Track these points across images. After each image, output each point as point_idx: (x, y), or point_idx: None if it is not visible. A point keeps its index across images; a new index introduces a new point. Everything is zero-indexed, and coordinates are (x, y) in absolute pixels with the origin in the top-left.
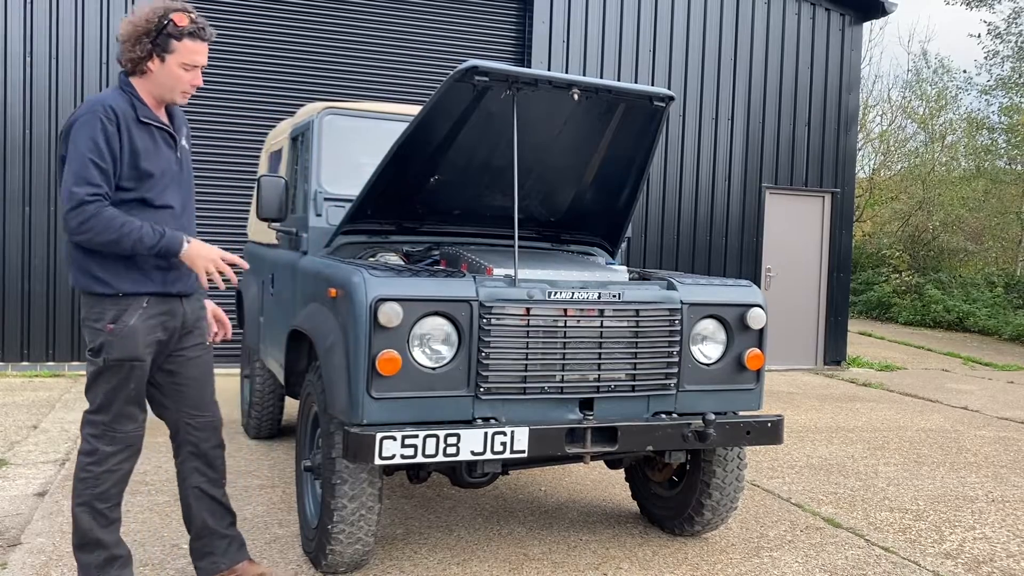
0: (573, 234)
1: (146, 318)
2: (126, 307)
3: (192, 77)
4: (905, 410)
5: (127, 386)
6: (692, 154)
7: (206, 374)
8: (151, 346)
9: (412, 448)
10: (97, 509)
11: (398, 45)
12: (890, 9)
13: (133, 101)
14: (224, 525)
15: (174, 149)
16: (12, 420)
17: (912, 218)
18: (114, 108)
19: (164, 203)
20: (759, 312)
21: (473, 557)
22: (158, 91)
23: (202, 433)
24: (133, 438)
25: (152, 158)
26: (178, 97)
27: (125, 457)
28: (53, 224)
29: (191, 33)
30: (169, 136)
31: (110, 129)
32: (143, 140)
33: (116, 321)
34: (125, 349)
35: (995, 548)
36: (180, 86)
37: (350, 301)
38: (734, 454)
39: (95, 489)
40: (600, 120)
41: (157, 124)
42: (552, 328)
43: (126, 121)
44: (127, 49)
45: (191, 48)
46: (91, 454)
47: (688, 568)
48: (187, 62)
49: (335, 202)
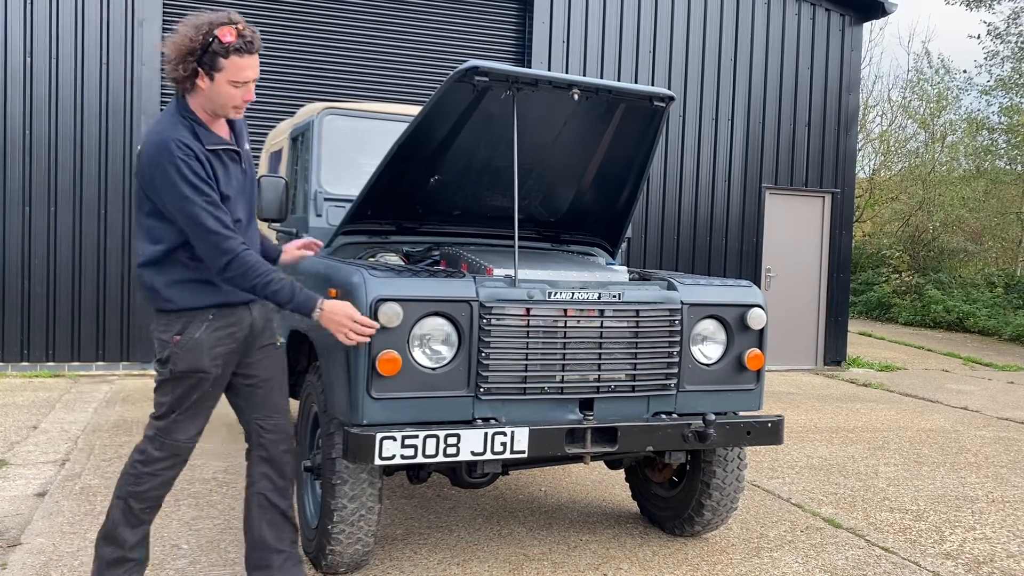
0: (573, 234)
1: (212, 330)
2: (191, 320)
3: (243, 92)
4: (905, 410)
5: (189, 397)
6: (692, 154)
7: (276, 375)
8: (219, 359)
9: (412, 448)
10: (131, 507)
11: (398, 45)
12: (890, 9)
13: (195, 128)
14: (284, 541)
15: (239, 162)
16: (12, 420)
17: (912, 218)
18: (185, 142)
19: (235, 218)
20: (759, 312)
21: (473, 557)
22: (211, 107)
23: (273, 436)
24: (182, 448)
25: (225, 182)
26: (231, 113)
27: (169, 464)
28: (53, 224)
29: (238, 49)
30: (234, 153)
31: (194, 164)
32: (215, 167)
33: (182, 333)
34: (191, 361)
35: (995, 548)
36: (232, 102)
37: (350, 301)
38: (734, 454)
39: (135, 487)
40: (600, 120)
41: (223, 147)
42: (552, 328)
43: (201, 152)
44: (172, 68)
45: (239, 64)
46: (142, 453)
47: (688, 568)
48: (236, 79)
49: (335, 202)
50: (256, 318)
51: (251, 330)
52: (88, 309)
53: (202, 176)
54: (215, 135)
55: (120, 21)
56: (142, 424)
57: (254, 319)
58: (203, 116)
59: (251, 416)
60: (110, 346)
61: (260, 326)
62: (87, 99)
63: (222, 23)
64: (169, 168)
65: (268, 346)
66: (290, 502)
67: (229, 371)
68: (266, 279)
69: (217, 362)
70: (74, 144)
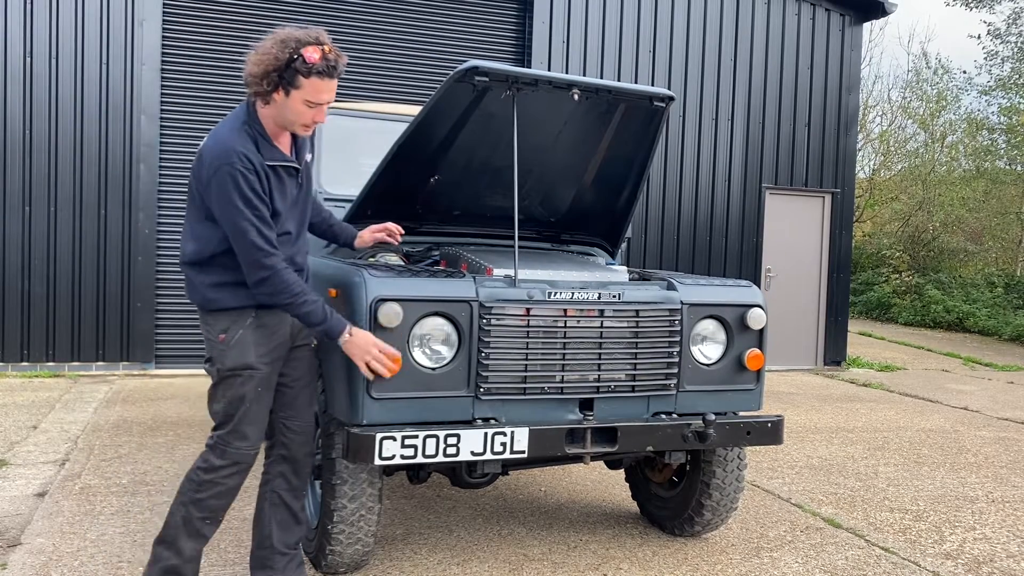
0: (573, 234)
1: (256, 327)
2: (236, 318)
3: (316, 113)
4: (905, 410)
5: (244, 397)
6: (692, 154)
7: (306, 376)
8: (265, 356)
9: (412, 448)
10: (191, 515)
11: (398, 45)
12: (890, 9)
13: (259, 141)
14: (290, 543)
15: (296, 176)
16: (12, 420)
17: (912, 218)
18: (248, 156)
19: (283, 231)
20: (759, 312)
21: (473, 557)
22: (280, 120)
23: (297, 437)
24: (243, 455)
25: (280, 198)
26: (299, 130)
27: (231, 473)
28: (53, 224)
29: (320, 72)
30: (293, 169)
31: (252, 179)
32: (272, 183)
33: (227, 331)
34: (237, 357)
35: (995, 548)
36: (301, 120)
37: (350, 301)
38: (734, 454)
39: (196, 494)
40: (600, 120)
41: (282, 164)
42: (552, 328)
43: (261, 166)
44: (254, 83)
45: (318, 86)
46: (204, 461)
47: (688, 568)
48: (312, 100)
49: (335, 202)
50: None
51: (292, 330)
52: (88, 309)
53: (257, 191)
54: (277, 150)
55: (120, 21)
56: (142, 424)
57: (294, 321)
58: (269, 127)
59: (277, 414)
60: (110, 346)
61: (299, 326)
62: (87, 99)
63: (309, 43)
64: (227, 179)
65: (303, 346)
66: (303, 504)
67: (276, 372)
68: (300, 299)
69: (264, 359)
70: (74, 144)
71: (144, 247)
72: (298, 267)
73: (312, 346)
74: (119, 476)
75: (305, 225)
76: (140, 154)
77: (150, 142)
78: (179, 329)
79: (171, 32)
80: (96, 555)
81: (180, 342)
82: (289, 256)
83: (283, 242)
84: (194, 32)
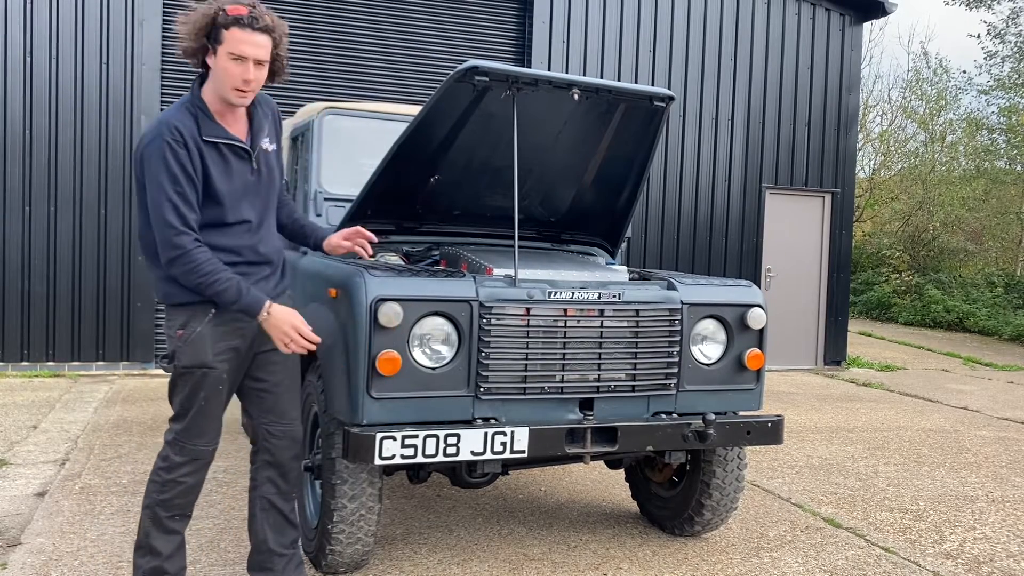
0: (573, 234)
1: (215, 324)
2: (194, 314)
3: (243, 71)
4: (905, 410)
5: (198, 395)
6: (692, 154)
7: (287, 380)
8: (224, 354)
9: (412, 448)
10: (158, 515)
11: (398, 45)
12: (890, 9)
13: (198, 116)
14: (286, 543)
15: (248, 160)
16: (12, 420)
17: (912, 218)
18: (179, 129)
19: (239, 219)
20: (759, 312)
21: (473, 557)
22: (219, 89)
23: (280, 442)
24: (201, 452)
25: (223, 179)
26: (233, 96)
27: (192, 470)
28: (53, 224)
29: (240, 21)
30: (241, 150)
31: (181, 153)
32: (211, 158)
33: (185, 327)
34: (193, 356)
35: (995, 548)
36: (231, 82)
37: (350, 301)
38: (734, 454)
39: (160, 495)
40: (600, 120)
41: (224, 141)
42: (552, 328)
43: (194, 141)
44: (185, 43)
45: (238, 36)
46: (164, 459)
47: (688, 568)
48: (233, 51)
49: (335, 202)
50: None
51: (260, 330)
52: (88, 309)
53: (184, 166)
54: (220, 128)
55: (120, 21)
56: (142, 424)
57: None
58: (215, 107)
59: (259, 420)
60: (110, 346)
61: None
62: (87, 99)
63: (236, 2)
64: (155, 152)
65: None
66: (293, 505)
67: (240, 372)
68: (212, 279)
69: (222, 357)
70: (74, 144)
71: None
72: (264, 258)
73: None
74: (119, 476)
75: (268, 215)
76: None
77: None
78: None
79: (171, 32)
80: (96, 555)
81: None
82: (251, 246)
83: (240, 231)
84: None
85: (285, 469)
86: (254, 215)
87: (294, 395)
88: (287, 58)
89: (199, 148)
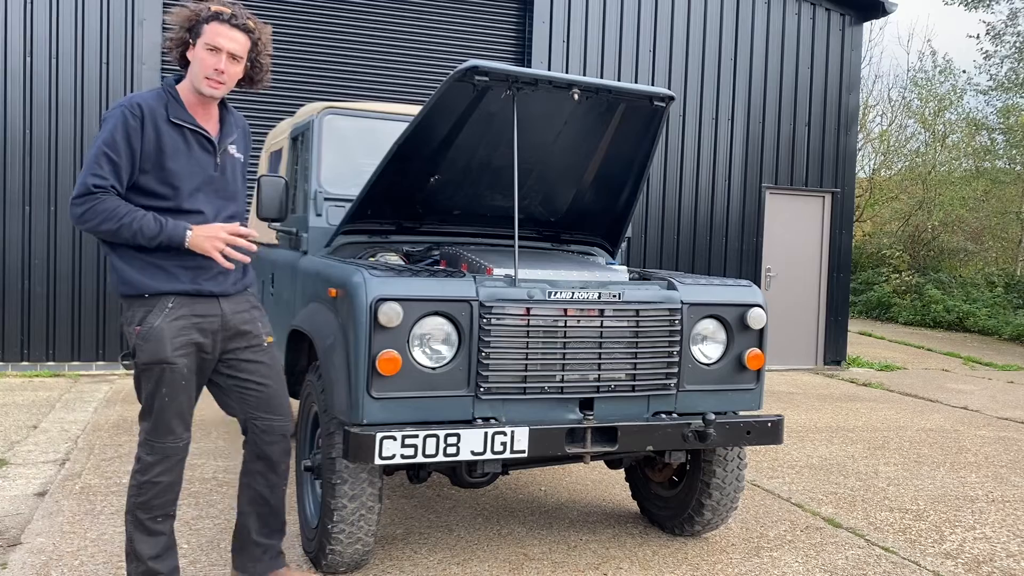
0: (573, 234)
1: (173, 319)
2: (151, 307)
3: (216, 61)
4: (905, 410)
5: (160, 391)
6: (692, 154)
7: (269, 377)
8: (182, 348)
9: (412, 448)
10: (139, 519)
11: (398, 45)
12: (890, 9)
13: (168, 101)
14: (266, 533)
15: (212, 154)
16: (12, 420)
17: (912, 218)
18: (141, 105)
19: (193, 208)
20: (759, 312)
21: (473, 557)
22: (193, 78)
23: (268, 436)
24: (171, 450)
25: (179, 158)
26: (203, 85)
27: (164, 469)
28: (53, 224)
29: (219, 17)
30: (206, 140)
31: (132, 124)
32: (172, 139)
33: (142, 323)
34: (152, 352)
35: (995, 548)
36: (203, 70)
37: (350, 301)
38: (734, 454)
39: (137, 498)
40: (600, 120)
41: (190, 126)
42: (552, 328)
43: (153, 118)
44: (171, 36)
45: (216, 29)
46: (138, 461)
47: (688, 568)
48: (209, 42)
49: (335, 202)
50: (227, 313)
51: (224, 325)
52: (88, 309)
53: (130, 139)
54: (189, 115)
55: (120, 21)
56: None
57: (224, 313)
58: (188, 99)
59: (247, 416)
60: (110, 346)
61: (236, 322)
62: (87, 99)
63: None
64: (109, 117)
65: (255, 346)
66: (281, 498)
67: (206, 367)
68: (129, 219)
69: (181, 352)
70: (74, 144)
71: None
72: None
73: (265, 345)
74: (119, 476)
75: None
76: None
77: None
78: None
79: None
80: (96, 555)
81: None
82: None
83: (195, 221)
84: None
85: (273, 463)
86: (210, 210)
87: (279, 390)
88: (269, 66)
89: (156, 128)
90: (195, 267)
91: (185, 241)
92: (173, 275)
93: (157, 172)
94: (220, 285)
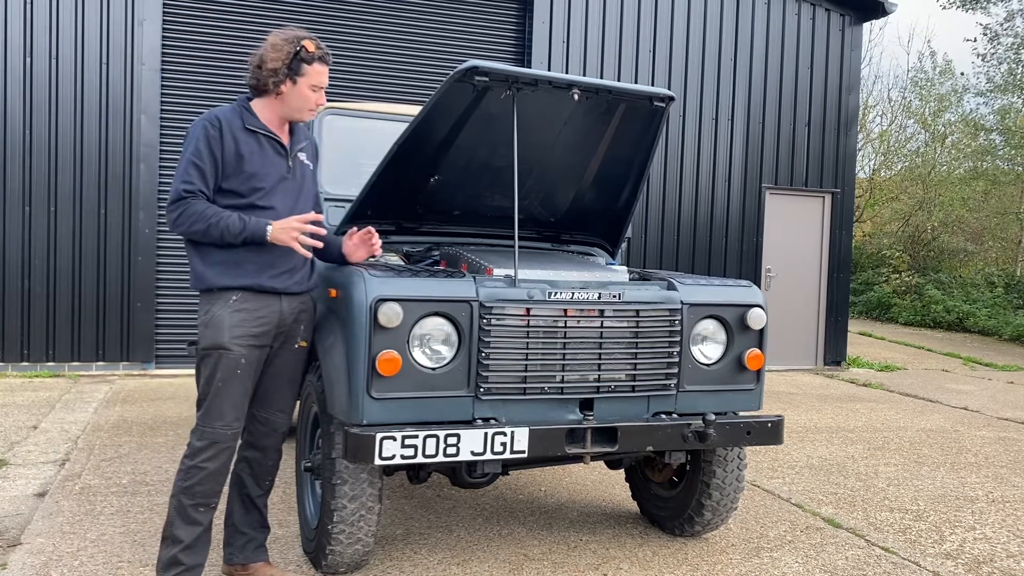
0: (573, 234)
1: (234, 310)
2: (217, 299)
3: (318, 97)
4: (905, 410)
5: (215, 376)
6: (692, 154)
7: (286, 373)
8: (241, 339)
9: (412, 448)
10: (182, 503)
11: (398, 45)
12: (890, 9)
13: (243, 113)
14: (249, 523)
15: (285, 158)
16: (12, 420)
17: (912, 218)
18: (219, 117)
19: (270, 204)
20: (759, 312)
21: (473, 557)
22: (286, 111)
23: (262, 428)
24: (220, 436)
25: (257, 160)
26: (306, 115)
27: (211, 455)
28: (53, 224)
29: (319, 58)
30: (279, 145)
31: (212, 134)
32: (249, 144)
33: (207, 313)
34: (211, 337)
35: (995, 548)
36: (308, 105)
37: (350, 301)
38: (734, 454)
39: (184, 482)
40: (600, 120)
41: (264, 132)
42: (552, 328)
43: (230, 128)
44: (259, 73)
45: (319, 71)
46: (188, 446)
47: (688, 568)
48: (315, 84)
49: (335, 202)
50: (286, 311)
51: (280, 322)
52: (88, 309)
53: (212, 148)
54: (260, 121)
55: (120, 21)
56: (142, 424)
57: (283, 311)
58: (263, 114)
59: (251, 407)
60: (110, 346)
61: (290, 321)
62: (87, 99)
63: (306, 36)
64: (193, 131)
65: (290, 346)
66: (263, 492)
67: (259, 360)
68: (216, 219)
69: (239, 342)
70: (74, 144)
71: (144, 247)
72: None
73: (298, 347)
74: (119, 476)
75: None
76: (140, 154)
77: (150, 142)
78: (179, 329)
79: (171, 32)
80: (96, 555)
81: (180, 342)
82: None
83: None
84: (194, 32)
85: (264, 454)
86: (284, 207)
87: (290, 392)
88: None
89: (235, 137)
90: (263, 264)
91: (267, 235)
92: (242, 270)
93: (238, 175)
94: (283, 283)
